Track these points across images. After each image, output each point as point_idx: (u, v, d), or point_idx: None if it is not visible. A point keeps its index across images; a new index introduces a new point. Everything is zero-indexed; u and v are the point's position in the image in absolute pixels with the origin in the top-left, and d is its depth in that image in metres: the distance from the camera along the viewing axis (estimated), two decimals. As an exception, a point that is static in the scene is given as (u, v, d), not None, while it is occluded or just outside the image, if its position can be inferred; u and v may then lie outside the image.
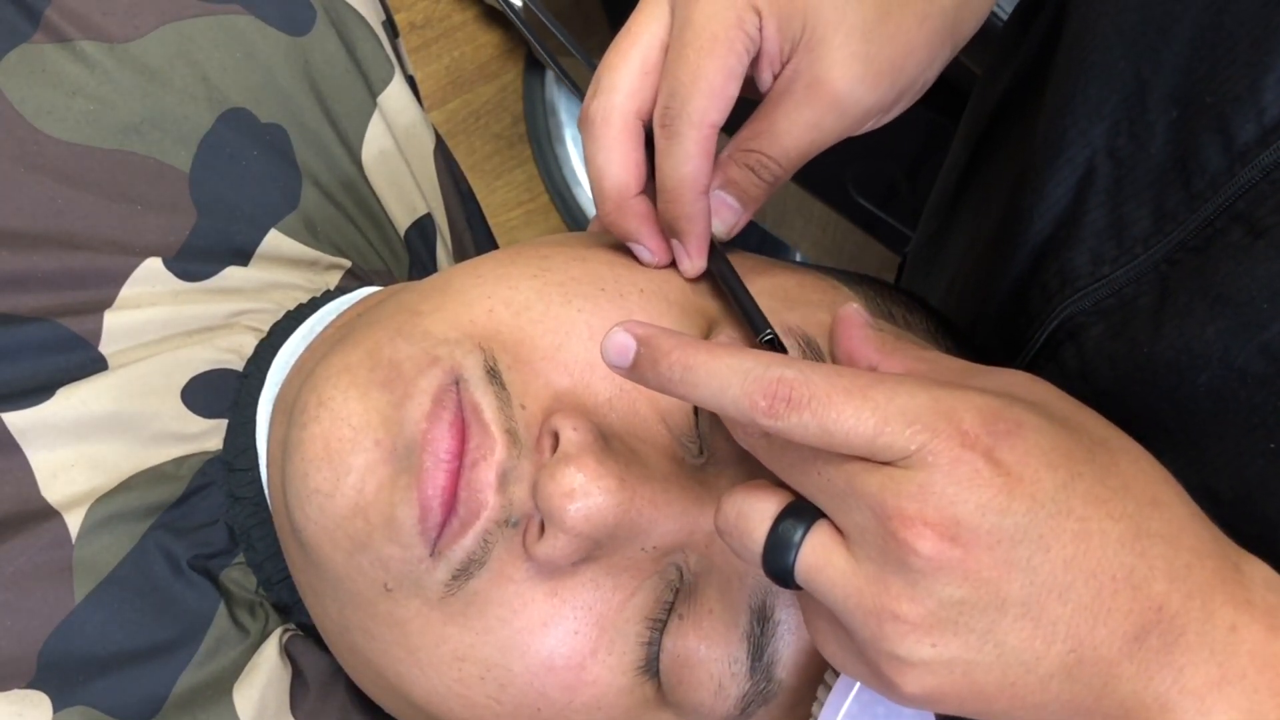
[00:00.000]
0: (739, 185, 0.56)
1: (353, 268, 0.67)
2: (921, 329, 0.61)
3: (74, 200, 0.61)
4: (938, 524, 0.42)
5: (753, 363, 0.43)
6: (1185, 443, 0.54)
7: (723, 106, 0.54)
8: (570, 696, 0.52)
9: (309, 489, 0.52)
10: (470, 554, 0.51)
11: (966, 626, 0.42)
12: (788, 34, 0.54)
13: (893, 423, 0.42)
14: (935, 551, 0.42)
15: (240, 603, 0.59)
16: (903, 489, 0.42)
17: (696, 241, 0.56)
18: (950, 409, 0.43)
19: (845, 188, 1.18)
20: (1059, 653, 0.43)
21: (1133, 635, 0.43)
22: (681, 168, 0.54)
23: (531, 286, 0.54)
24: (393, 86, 0.70)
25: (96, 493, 0.58)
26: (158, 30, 0.64)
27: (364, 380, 0.52)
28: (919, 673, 0.43)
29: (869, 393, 0.43)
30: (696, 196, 0.55)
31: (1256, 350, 0.52)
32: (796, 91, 0.55)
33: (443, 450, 0.51)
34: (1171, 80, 0.58)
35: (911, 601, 0.42)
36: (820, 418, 0.42)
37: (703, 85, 0.53)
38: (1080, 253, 0.61)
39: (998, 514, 0.42)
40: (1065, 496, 0.42)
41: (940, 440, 0.42)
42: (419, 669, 0.53)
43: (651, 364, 0.45)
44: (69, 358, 0.59)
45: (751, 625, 0.52)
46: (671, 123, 0.54)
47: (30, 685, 0.55)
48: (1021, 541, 0.42)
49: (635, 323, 0.46)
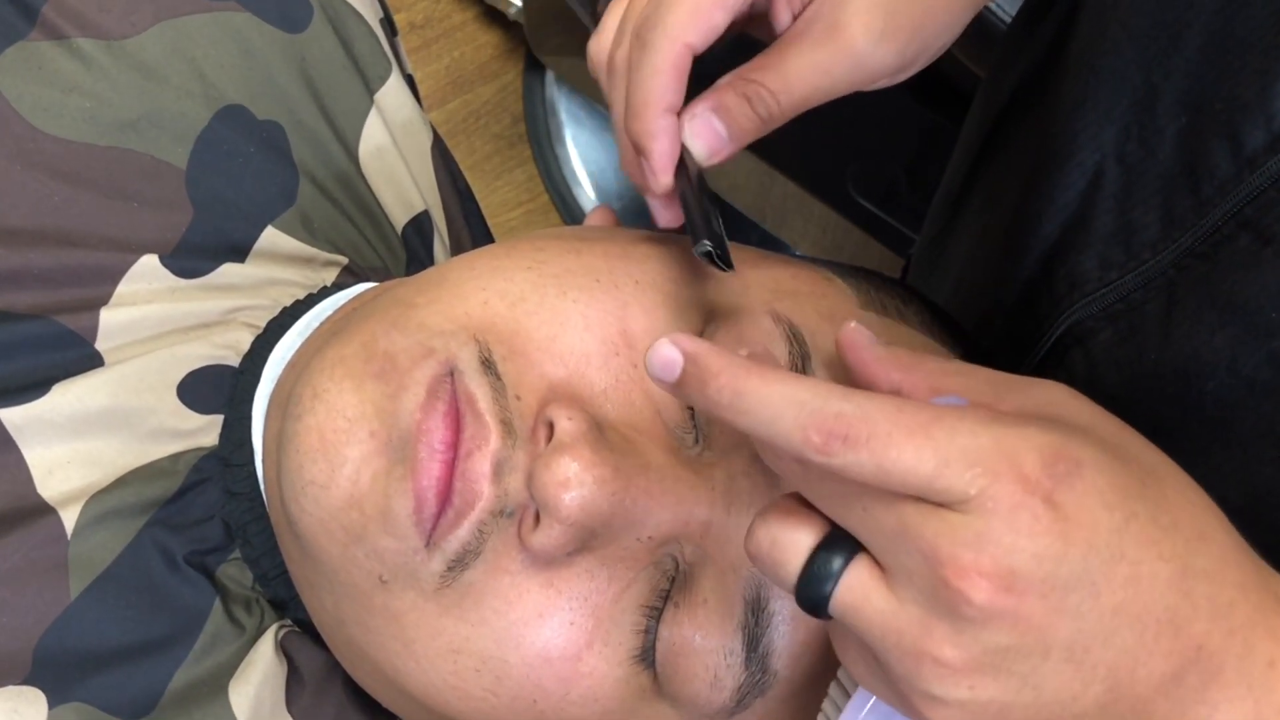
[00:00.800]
0: (730, 112, 0.53)
1: (350, 265, 0.67)
2: (916, 320, 0.61)
3: (71, 197, 0.61)
4: (993, 575, 0.40)
5: (810, 394, 0.42)
6: (1191, 450, 0.53)
7: (703, 29, 0.52)
8: (566, 688, 0.52)
9: (304, 481, 0.52)
10: (465, 545, 0.51)
11: (1008, 671, 0.42)
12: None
13: (954, 465, 0.41)
14: (989, 601, 0.40)
15: (236, 599, 0.59)
16: (959, 535, 0.41)
17: (659, 159, 0.53)
18: (1012, 450, 0.41)
19: (845, 188, 1.18)
20: (1096, 693, 0.42)
21: (1171, 675, 0.42)
22: (647, 80, 0.52)
23: (526, 279, 0.54)
24: (390, 84, 0.70)
25: (92, 489, 0.57)
26: (155, 27, 0.64)
27: (359, 372, 0.52)
28: (952, 711, 0.43)
29: (930, 431, 0.41)
30: (659, 113, 0.52)
31: (1265, 358, 0.52)
32: (814, 33, 0.53)
33: (437, 441, 0.51)
34: (1181, 86, 0.57)
35: (955, 647, 0.41)
36: (879, 457, 0.41)
37: (688, 1, 0.51)
38: (1089, 257, 0.60)
39: (1054, 562, 0.41)
40: (1119, 540, 0.41)
41: (1001, 485, 0.40)
42: (415, 662, 0.53)
43: (699, 384, 0.43)
44: (65, 354, 0.59)
45: (746, 616, 0.52)
46: (646, 34, 0.52)
47: (25, 682, 0.55)
48: (1075, 589, 0.41)
49: (684, 337, 0.44)
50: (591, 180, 1.50)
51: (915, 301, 0.63)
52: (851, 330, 0.51)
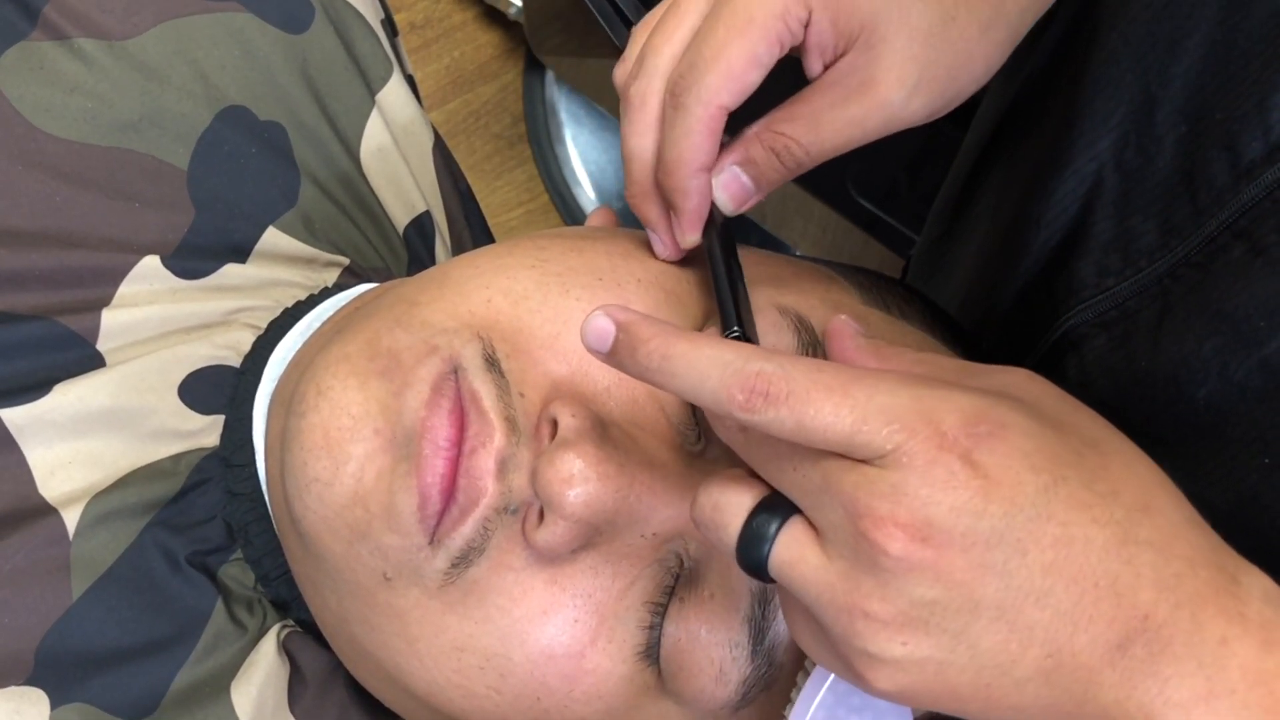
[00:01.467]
0: (757, 166, 0.54)
1: (351, 265, 0.67)
2: (918, 319, 0.61)
3: (72, 198, 0.61)
4: (909, 525, 0.41)
5: (732, 355, 0.43)
6: (1182, 455, 0.53)
7: (738, 90, 0.52)
8: (570, 686, 0.52)
9: (308, 478, 0.52)
10: (469, 542, 0.51)
11: (939, 627, 0.42)
12: (844, 30, 0.52)
13: (871, 420, 0.42)
14: (906, 552, 0.41)
15: (238, 599, 0.59)
16: (876, 488, 0.42)
17: (689, 217, 0.54)
18: (931, 409, 0.42)
19: (845, 188, 1.18)
20: (1035, 657, 0.42)
21: (1116, 644, 0.42)
22: (681, 142, 0.53)
23: (529, 277, 0.55)
24: (391, 84, 0.70)
25: (94, 489, 0.57)
26: (156, 28, 0.64)
27: (363, 369, 0.52)
28: (890, 670, 0.43)
29: (849, 389, 0.42)
30: (692, 173, 0.53)
31: (1256, 365, 0.52)
32: (848, 86, 0.53)
33: (442, 438, 0.51)
34: (1182, 95, 0.57)
35: (883, 600, 0.42)
36: (797, 413, 0.42)
37: (722, 65, 0.51)
38: (1087, 264, 0.60)
39: (972, 516, 0.41)
40: (1046, 500, 0.42)
41: (917, 440, 0.41)
42: (418, 660, 0.53)
43: (630, 351, 0.45)
44: (66, 355, 0.59)
45: (753, 608, 0.52)
46: (681, 95, 0.52)
47: (27, 682, 0.55)
48: (997, 545, 0.41)
49: (616, 307, 0.45)
50: (591, 180, 1.50)
51: (917, 301, 0.63)
52: (839, 321, 0.52)
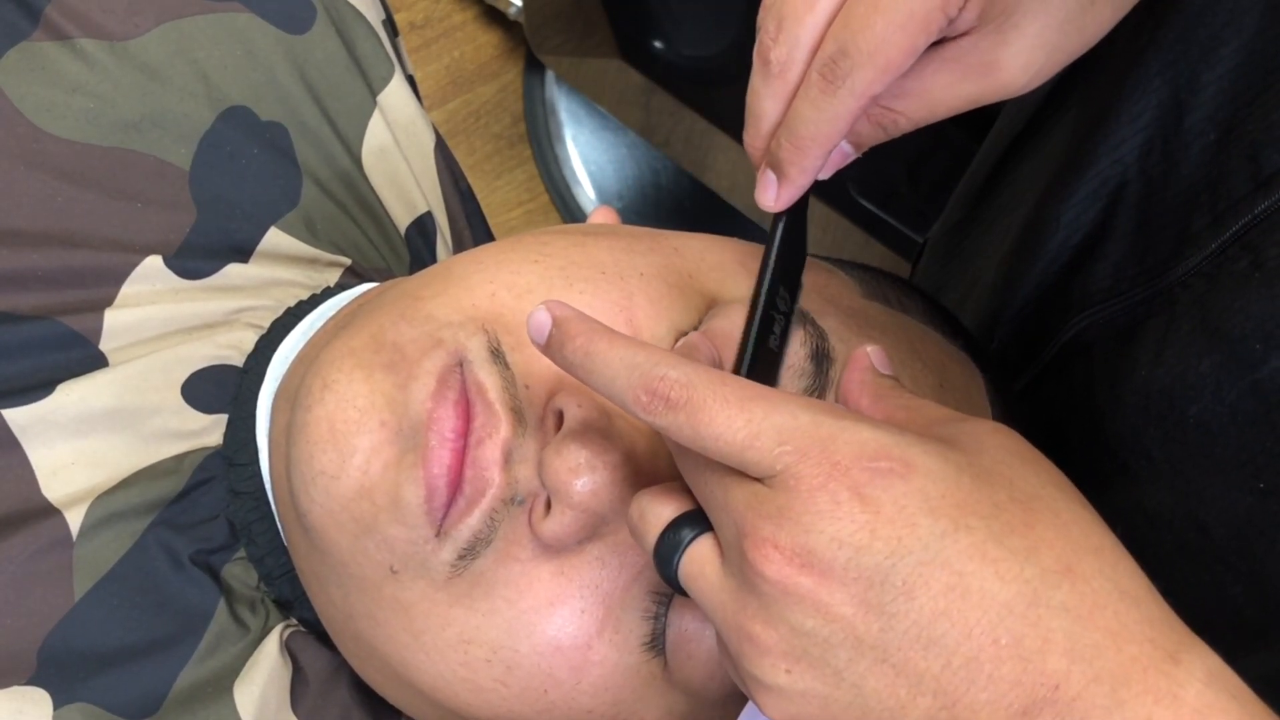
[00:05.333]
0: (860, 135, 0.53)
1: (352, 265, 0.67)
2: (918, 313, 0.61)
3: (74, 198, 0.61)
4: (789, 550, 0.41)
5: (644, 358, 0.44)
6: (1170, 471, 0.53)
7: (890, 82, 0.49)
8: (578, 677, 0.52)
9: (314, 471, 0.52)
10: (476, 533, 0.51)
11: (821, 660, 0.42)
12: (986, 14, 0.50)
13: (763, 438, 0.42)
14: (781, 576, 0.41)
15: (241, 599, 0.59)
16: (764, 508, 0.42)
17: (795, 190, 0.52)
18: (830, 436, 0.42)
19: (845, 188, 1.18)
20: (926, 706, 0.41)
21: (1021, 709, 0.40)
22: (824, 126, 0.50)
23: (533, 271, 0.55)
24: (392, 85, 0.70)
25: (97, 490, 0.57)
26: (158, 28, 0.64)
27: (368, 363, 0.52)
28: (776, 698, 0.43)
29: (748, 405, 0.42)
30: (823, 153, 0.51)
31: (1248, 388, 0.52)
32: (967, 65, 0.51)
33: (448, 430, 0.51)
34: (1213, 102, 0.57)
35: (765, 625, 0.42)
36: (694, 421, 0.42)
37: (880, 59, 0.48)
38: (1103, 268, 0.60)
39: (854, 550, 0.41)
40: (941, 547, 0.41)
41: (807, 464, 0.41)
42: (424, 653, 0.53)
43: (559, 345, 0.46)
44: (69, 355, 0.59)
45: None
46: (834, 81, 0.49)
47: (30, 682, 0.55)
48: (881, 584, 0.41)
49: (556, 302, 0.46)
50: (591, 180, 1.50)
51: (916, 295, 0.63)
52: (861, 352, 0.52)
